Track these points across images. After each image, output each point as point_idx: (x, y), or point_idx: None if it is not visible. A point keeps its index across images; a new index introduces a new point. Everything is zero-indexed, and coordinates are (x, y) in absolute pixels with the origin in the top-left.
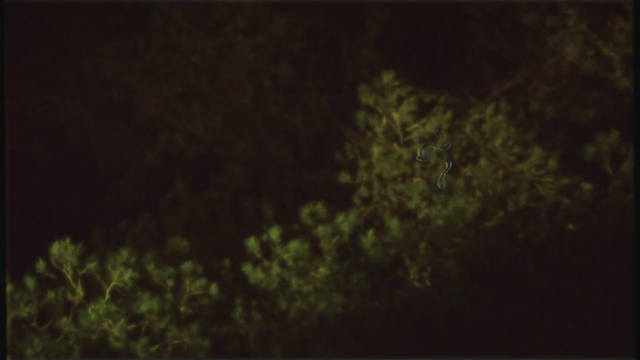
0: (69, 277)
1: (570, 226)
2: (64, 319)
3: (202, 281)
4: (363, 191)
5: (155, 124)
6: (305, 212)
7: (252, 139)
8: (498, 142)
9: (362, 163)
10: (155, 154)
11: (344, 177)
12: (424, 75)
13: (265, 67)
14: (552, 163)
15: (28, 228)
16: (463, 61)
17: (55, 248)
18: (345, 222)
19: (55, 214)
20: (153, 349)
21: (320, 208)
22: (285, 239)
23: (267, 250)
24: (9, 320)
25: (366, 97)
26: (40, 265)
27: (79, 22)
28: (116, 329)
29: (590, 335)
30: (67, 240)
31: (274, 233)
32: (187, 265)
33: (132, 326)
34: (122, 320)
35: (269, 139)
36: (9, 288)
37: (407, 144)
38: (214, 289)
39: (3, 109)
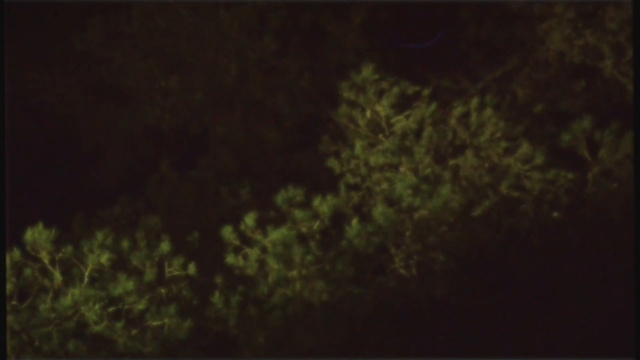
0: (46, 262)
1: (555, 214)
2: (43, 304)
3: (180, 260)
4: (349, 178)
5: (141, 101)
6: (280, 198)
7: (237, 118)
8: (486, 135)
9: (347, 153)
10: (141, 132)
11: (331, 162)
12: (409, 63)
13: (249, 43)
14: (538, 158)
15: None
16: (455, 48)
17: (29, 234)
18: (323, 204)
19: (38, 194)
20: (134, 332)
21: (295, 193)
22: (262, 224)
23: (245, 237)
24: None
25: (347, 92)
26: (15, 254)
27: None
28: (93, 313)
29: (590, 335)
30: (40, 226)
31: (250, 219)
32: (165, 246)
33: (111, 309)
34: (100, 304)
35: (254, 120)
36: None
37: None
38: (192, 267)
39: (3, 105)
